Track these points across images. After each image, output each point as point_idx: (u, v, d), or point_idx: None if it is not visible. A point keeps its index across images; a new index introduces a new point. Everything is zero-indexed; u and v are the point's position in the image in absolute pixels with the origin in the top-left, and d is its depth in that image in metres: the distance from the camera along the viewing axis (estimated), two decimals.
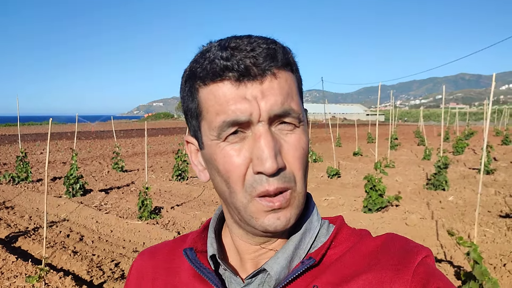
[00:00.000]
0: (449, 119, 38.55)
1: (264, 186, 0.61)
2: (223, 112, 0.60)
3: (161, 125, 63.91)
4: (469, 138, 26.80)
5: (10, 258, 5.26)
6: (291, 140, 0.63)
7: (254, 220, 0.63)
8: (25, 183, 11.04)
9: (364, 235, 0.71)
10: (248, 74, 0.59)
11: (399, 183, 10.52)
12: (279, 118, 0.62)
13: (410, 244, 0.66)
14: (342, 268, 0.65)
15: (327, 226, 0.74)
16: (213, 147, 0.64)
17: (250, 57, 0.60)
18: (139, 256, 0.83)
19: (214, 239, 0.73)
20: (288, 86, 0.63)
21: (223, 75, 0.60)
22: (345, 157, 17.18)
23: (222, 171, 0.63)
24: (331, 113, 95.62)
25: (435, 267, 0.64)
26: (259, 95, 0.60)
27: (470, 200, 8.36)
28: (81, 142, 26.37)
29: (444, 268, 4.93)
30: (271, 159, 0.59)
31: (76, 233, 6.73)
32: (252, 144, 0.61)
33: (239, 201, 0.63)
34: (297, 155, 0.63)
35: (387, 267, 0.62)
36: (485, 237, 6.03)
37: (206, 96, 0.62)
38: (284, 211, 0.63)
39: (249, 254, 0.70)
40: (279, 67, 0.62)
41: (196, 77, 0.63)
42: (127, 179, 12.09)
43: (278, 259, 0.66)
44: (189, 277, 0.73)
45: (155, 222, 7.16)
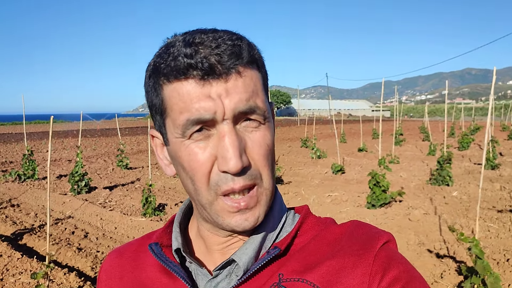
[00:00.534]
0: (455, 115, 38.35)
1: (229, 184, 0.61)
2: (187, 110, 0.60)
3: None
4: (475, 133, 26.62)
5: (16, 255, 5.32)
6: (256, 137, 0.63)
7: (220, 218, 0.64)
8: (31, 181, 11.14)
9: (328, 223, 0.72)
10: (213, 73, 0.59)
11: (403, 179, 10.49)
12: (244, 115, 0.61)
13: (372, 230, 0.67)
14: (307, 256, 0.66)
15: (292, 215, 0.75)
16: (177, 144, 0.64)
17: (214, 55, 0.59)
18: (107, 257, 0.83)
19: (179, 233, 0.73)
20: (253, 84, 0.62)
21: (187, 73, 0.59)
22: (349, 153, 17.14)
23: (187, 169, 0.63)
24: (336, 109, 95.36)
25: (397, 251, 0.65)
26: (224, 93, 0.59)
27: (475, 196, 8.32)
28: (86, 140, 26.51)
29: (446, 263, 4.92)
30: (235, 158, 0.59)
31: (81, 230, 6.78)
32: (217, 142, 0.61)
33: (204, 199, 0.64)
34: (262, 152, 0.63)
35: (350, 252, 0.63)
36: (489, 232, 6.01)
37: (170, 93, 0.62)
38: (252, 211, 0.63)
39: (217, 245, 0.70)
40: (244, 64, 0.61)
41: (160, 73, 0.62)
42: (132, 176, 12.15)
43: (246, 250, 0.66)
44: (155, 272, 0.73)
45: (159, 219, 7.20)
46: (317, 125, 37.16)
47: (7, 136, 32.22)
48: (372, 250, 0.63)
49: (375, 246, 0.63)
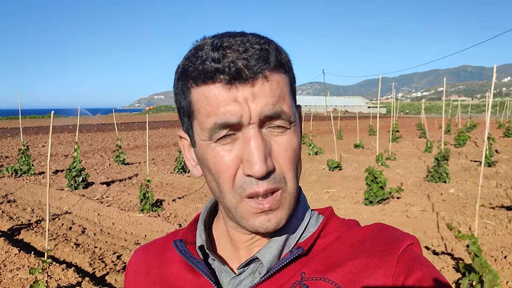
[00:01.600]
0: (451, 112, 38.47)
1: (253, 188, 0.62)
2: (214, 114, 0.61)
3: (163, 117, 63.93)
4: (471, 130, 26.75)
5: (13, 250, 5.30)
6: (282, 141, 0.63)
7: (244, 220, 0.64)
8: (27, 176, 11.08)
9: (352, 225, 0.72)
10: (240, 77, 0.59)
11: (400, 176, 10.53)
12: (270, 120, 0.62)
13: (396, 233, 0.67)
14: (330, 256, 0.67)
15: (316, 217, 0.76)
16: (204, 147, 0.64)
17: (242, 59, 0.59)
18: (133, 254, 0.85)
19: (203, 231, 0.74)
20: (280, 88, 0.62)
21: (214, 78, 0.60)
22: (346, 149, 17.17)
23: (213, 171, 0.64)
24: (333, 105, 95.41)
25: (421, 254, 0.65)
26: (250, 98, 0.60)
27: (472, 193, 8.36)
28: (83, 135, 26.41)
29: (444, 260, 4.94)
30: (260, 163, 0.59)
31: (78, 226, 6.76)
32: (243, 146, 0.61)
33: (228, 201, 0.64)
34: (287, 156, 0.64)
35: (373, 253, 0.64)
36: (486, 229, 6.04)
37: (198, 97, 0.62)
38: (275, 213, 0.64)
39: (242, 243, 0.71)
40: (271, 69, 0.61)
41: (188, 76, 0.63)
42: (129, 172, 12.12)
43: (270, 248, 0.67)
44: (180, 268, 0.75)
45: (156, 215, 7.19)
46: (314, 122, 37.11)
47: (2, 130, 32.05)
48: (396, 251, 0.63)
49: (399, 248, 0.63)
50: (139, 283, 0.79)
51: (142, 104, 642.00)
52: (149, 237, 6.16)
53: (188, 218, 7.09)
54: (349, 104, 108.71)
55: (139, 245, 5.86)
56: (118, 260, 5.28)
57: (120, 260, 5.27)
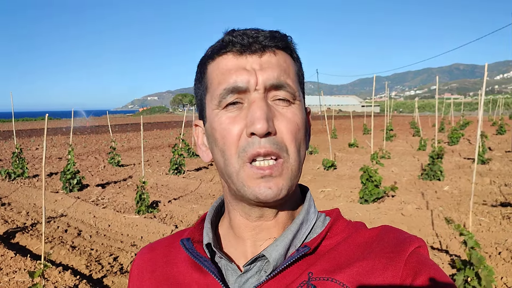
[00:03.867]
0: (444, 110, 38.68)
1: (255, 148, 0.65)
2: (224, 81, 0.67)
3: (156, 119, 63.73)
4: (464, 128, 26.90)
5: (9, 253, 5.27)
6: (286, 113, 0.68)
7: (246, 187, 0.66)
8: (21, 179, 11.01)
9: (359, 226, 0.73)
10: (249, 48, 0.67)
11: (395, 174, 10.59)
12: (274, 89, 0.67)
13: (404, 235, 0.68)
14: (337, 257, 0.67)
15: (323, 218, 0.77)
16: (213, 116, 0.70)
17: (253, 36, 0.68)
18: (138, 253, 0.85)
19: (210, 229, 0.75)
20: (286, 65, 0.69)
21: (227, 48, 0.68)
22: (341, 148, 17.23)
23: (219, 139, 0.68)
24: (326, 105, 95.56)
25: (428, 257, 0.66)
26: (258, 67, 0.66)
27: (466, 190, 8.43)
28: (76, 137, 26.27)
29: (440, 257, 4.99)
30: (262, 119, 0.63)
31: (74, 228, 6.73)
32: (248, 110, 0.66)
33: (232, 167, 0.67)
34: (290, 127, 0.67)
35: (381, 255, 0.64)
36: (480, 226, 6.10)
37: (212, 69, 0.70)
38: (276, 180, 0.65)
39: (247, 232, 0.72)
40: (279, 47, 0.69)
41: (206, 56, 0.72)
42: (124, 173, 12.08)
43: (277, 247, 0.68)
44: (186, 267, 0.75)
45: (152, 216, 7.18)
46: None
47: None
48: (403, 254, 0.64)
49: (406, 250, 0.64)
50: (144, 282, 0.79)
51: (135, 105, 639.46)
52: (146, 239, 6.15)
53: (184, 219, 7.08)
54: (343, 103, 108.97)
55: (136, 246, 5.85)
56: (115, 262, 5.27)
57: (117, 262, 5.26)
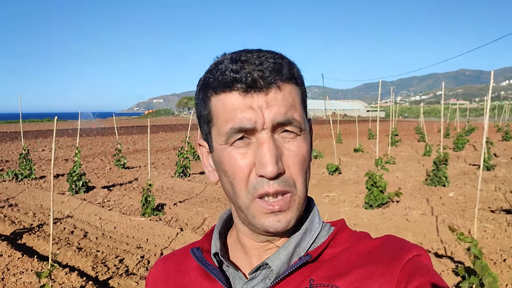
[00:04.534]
0: (450, 115, 38.55)
1: (264, 188, 0.66)
2: (231, 119, 0.67)
3: (162, 121, 63.93)
4: (470, 134, 26.78)
5: (16, 254, 5.33)
6: (292, 147, 0.69)
7: (256, 220, 0.69)
8: (28, 180, 11.12)
9: (363, 236, 0.75)
10: (255, 86, 0.65)
11: (400, 179, 10.57)
12: (281, 126, 0.67)
13: (404, 243, 0.70)
14: (338, 264, 0.70)
15: (328, 228, 0.79)
16: (221, 151, 0.70)
17: (257, 71, 0.66)
18: (154, 264, 0.90)
19: (217, 239, 0.78)
20: (291, 98, 0.69)
21: (232, 86, 0.66)
22: (346, 153, 17.21)
23: (229, 173, 0.69)
24: (332, 109, 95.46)
25: (427, 264, 0.67)
26: (264, 105, 0.66)
27: (471, 196, 8.41)
28: (82, 139, 26.43)
29: (444, 263, 4.99)
30: (272, 164, 0.64)
31: (80, 230, 6.79)
32: (256, 149, 0.67)
33: (241, 201, 0.69)
34: (297, 161, 0.69)
35: (379, 262, 0.67)
36: (485, 233, 6.09)
37: (217, 104, 0.69)
38: (285, 214, 0.68)
39: (254, 250, 0.75)
40: (284, 80, 0.68)
41: (209, 86, 0.70)
42: (129, 176, 12.15)
43: (279, 255, 0.71)
44: (197, 275, 0.79)
45: (158, 219, 7.22)
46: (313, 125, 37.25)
47: (2, 135, 32.04)
48: (400, 260, 0.66)
49: (404, 257, 0.66)
50: None
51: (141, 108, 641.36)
52: (151, 241, 6.19)
53: (189, 222, 7.12)
54: (348, 108, 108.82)
55: (141, 249, 5.89)
56: (121, 264, 5.32)
57: (122, 264, 5.30)
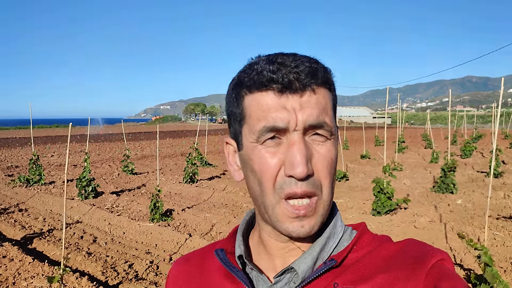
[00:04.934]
0: (457, 122, 38.37)
1: (292, 188, 0.67)
2: (264, 118, 0.68)
3: (169, 128, 64.19)
4: (477, 141, 26.63)
5: (27, 259, 5.38)
6: (322, 150, 0.69)
7: (279, 223, 0.69)
8: (38, 186, 11.22)
9: (384, 240, 0.76)
10: (290, 87, 0.67)
11: (407, 186, 10.55)
12: (313, 129, 0.68)
13: (427, 248, 0.71)
14: (362, 269, 0.71)
15: (350, 231, 0.80)
16: (251, 148, 0.71)
17: (294, 73, 0.67)
18: (174, 264, 0.90)
19: (241, 241, 0.79)
20: (324, 102, 0.70)
21: (268, 86, 0.67)
22: (353, 160, 17.19)
23: (257, 171, 0.70)
24: (338, 116, 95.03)
25: (451, 269, 0.67)
26: (298, 107, 0.67)
27: (479, 204, 8.37)
28: (90, 145, 26.60)
29: None
30: (302, 165, 0.65)
31: (89, 235, 6.85)
32: (286, 149, 0.67)
33: (268, 200, 0.69)
34: (326, 164, 0.69)
35: (403, 266, 0.68)
36: (495, 241, 6.06)
37: (250, 102, 0.70)
38: (309, 219, 0.68)
39: (277, 251, 0.76)
40: (319, 84, 0.69)
41: (243, 85, 0.71)
42: (138, 181, 12.23)
43: (305, 259, 0.72)
44: (220, 276, 0.79)
45: (166, 224, 7.26)
46: None
47: (12, 140, 32.34)
48: (425, 265, 0.66)
49: (429, 262, 0.66)
50: None
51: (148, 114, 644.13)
52: (160, 247, 6.23)
53: (197, 228, 7.15)
54: (354, 115, 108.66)
55: (150, 254, 5.93)
56: (130, 269, 5.35)
57: (132, 269, 5.34)
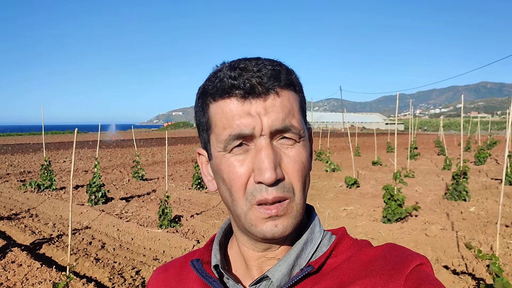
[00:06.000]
0: (471, 128, 37.87)
1: (263, 194, 0.65)
2: (229, 126, 0.67)
3: (180, 134, 64.52)
4: (492, 147, 26.24)
5: (35, 264, 5.41)
6: (291, 153, 0.68)
7: (253, 227, 0.68)
8: (49, 191, 11.32)
9: (364, 245, 0.74)
10: (253, 92, 0.65)
11: (419, 193, 10.40)
12: (280, 133, 0.67)
13: (406, 252, 0.69)
14: (340, 275, 0.68)
15: (329, 237, 0.78)
16: (219, 158, 0.70)
17: (256, 77, 0.66)
18: (154, 273, 0.89)
19: (218, 251, 0.78)
20: (290, 104, 0.68)
21: (230, 92, 0.66)
22: (364, 166, 17.05)
23: (226, 180, 0.69)
24: (350, 122, 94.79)
25: (430, 274, 0.66)
26: (262, 111, 0.65)
27: (493, 211, 8.20)
28: (102, 151, 26.87)
29: (465, 280, 4.86)
30: (270, 170, 0.64)
31: (98, 241, 6.87)
32: (254, 155, 0.66)
33: (240, 208, 0.68)
34: (296, 167, 0.68)
35: (382, 272, 0.65)
36: (508, 249, 5.92)
37: (215, 111, 0.69)
38: (282, 219, 0.67)
39: (254, 261, 0.74)
40: (282, 86, 0.68)
41: (208, 93, 0.70)
42: (147, 187, 12.27)
43: (280, 267, 0.70)
44: (197, 286, 0.78)
45: (175, 231, 7.25)
46: (331, 138, 37.10)
47: (25, 146, 32.80)
48: (404, 271, 0.64)
49: (407, 267, 0.65)
50: None
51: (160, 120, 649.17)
52: (168, 253, 6.21)
53: (206, 234, 7.13)
54: (366, 121, 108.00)
55: (158, 260, 5.91)
56: (137, 275, 5.34)
57: (139, 276, 5.33)
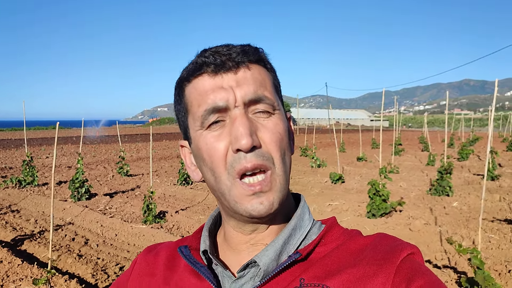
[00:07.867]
0: (454, 125, 38.45)
1: (242, 163, 0.66)
2: (203, 102, 0.68)
3: (166, 129, 64.07)
4: (474, 144, 26.68)
5: (16, 261, 5.30)
6: (268, 124, 0.69)
7: (238, 204, 0.67)
8: (31, 187, 11.12)
9: (354, 234, 0.73)
10: (224, 66, 0.68)
11: (403, 189, 10.51)
12: (253, 103, 0.68)
13: (396, 242, 0.68)
14: (329, 263, 0.68)
15: (318, 225, 0.77)
16: (197, 137, 0.71)
17: (225, 54, 0.69)
18: (143, 251, 0.88)
19: (207, 237, 0.77)
20: (261, 78, 0.70)
21: (201, 69, 0.69)
22: (349, 162, 17.16)
23: (206, 158, 0.69)
24: (335, 118, 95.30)
25: (422, 263, 0.65)
26: (234, 84, 0.67)
27: (475, 206, 8.34)
28: (86, 147, 26.50)
29: (448, 274, 4.92)
30: (246, 135, 0.65)
31: (81, 237, 6.77)
32: (230, 127, 0.67)
33: (223, 185, 0.68)
34: (274, 138, 0.68)
35: (372, 262, 0.64)
36: (490, 243, 6.02)
37: (190, 91, 0.71)
38: (267, 195, 0.67)
39: (242, 245, 0.74)
40: (252, 61, 0.70)
41: (183, 79, 0.73)
42: (132, 183, 12.15)
43: (267, 252, 0.69)
44: (186, 273, 0.77)
45: (159, 226, 7.19)
46: (316, 134, 37.24)
47: (6, 142, 32.16)
48: (394, 260, 0.63)
49: (398, 257, 0.64)
50: (143, 284, 0.81)
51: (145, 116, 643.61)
52: None
53: (190, 230, 7.09)
54: (351, 117, 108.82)
55: None
56: (121, 271, 5.28)
57: (122, 272, 5.26)
